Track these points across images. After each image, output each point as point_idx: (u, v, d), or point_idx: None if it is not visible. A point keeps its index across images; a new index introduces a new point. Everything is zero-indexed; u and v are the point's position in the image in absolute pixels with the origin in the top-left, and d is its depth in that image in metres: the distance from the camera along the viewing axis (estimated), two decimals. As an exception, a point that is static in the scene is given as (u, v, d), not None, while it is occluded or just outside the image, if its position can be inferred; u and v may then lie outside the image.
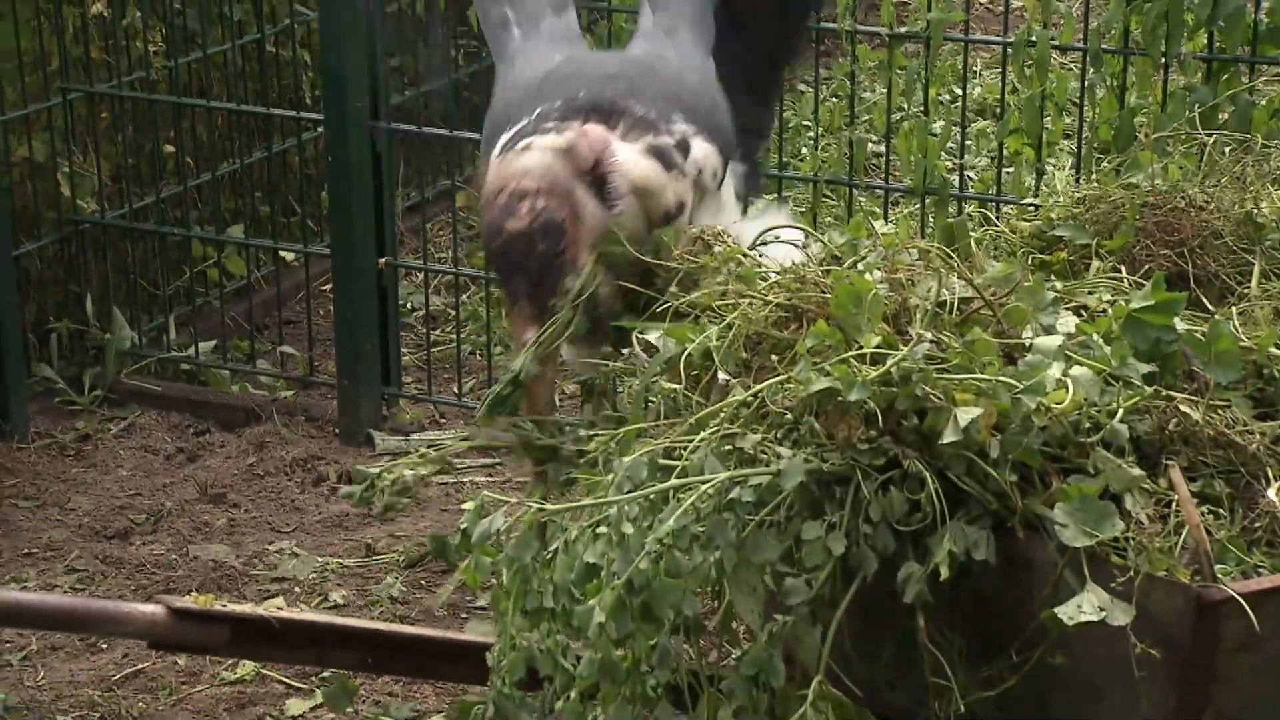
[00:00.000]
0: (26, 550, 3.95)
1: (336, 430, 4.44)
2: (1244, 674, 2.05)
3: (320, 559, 3.84)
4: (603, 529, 2.19)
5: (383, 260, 4.41)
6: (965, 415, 2.08)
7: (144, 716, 3.36)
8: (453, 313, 4.88)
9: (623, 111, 2.76)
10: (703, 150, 2.83)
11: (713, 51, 3.14)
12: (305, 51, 5.17)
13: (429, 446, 2.90)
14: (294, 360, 4.77)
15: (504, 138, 2.75)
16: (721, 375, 2.32)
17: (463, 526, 2.44)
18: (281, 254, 5.06)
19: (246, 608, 3.27)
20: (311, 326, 4.78)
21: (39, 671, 3.54)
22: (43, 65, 4.65)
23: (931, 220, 4.22)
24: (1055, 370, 2.18)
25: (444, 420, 4.54)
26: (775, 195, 4.52)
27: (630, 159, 2.71)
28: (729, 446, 2.18)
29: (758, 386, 2.24)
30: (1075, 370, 2.18)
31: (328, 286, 4.77)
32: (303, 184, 5.13)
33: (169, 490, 4.18)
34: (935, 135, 4.48)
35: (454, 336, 4.77)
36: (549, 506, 2.33)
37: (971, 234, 2.78)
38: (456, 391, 4.60)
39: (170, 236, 4.90)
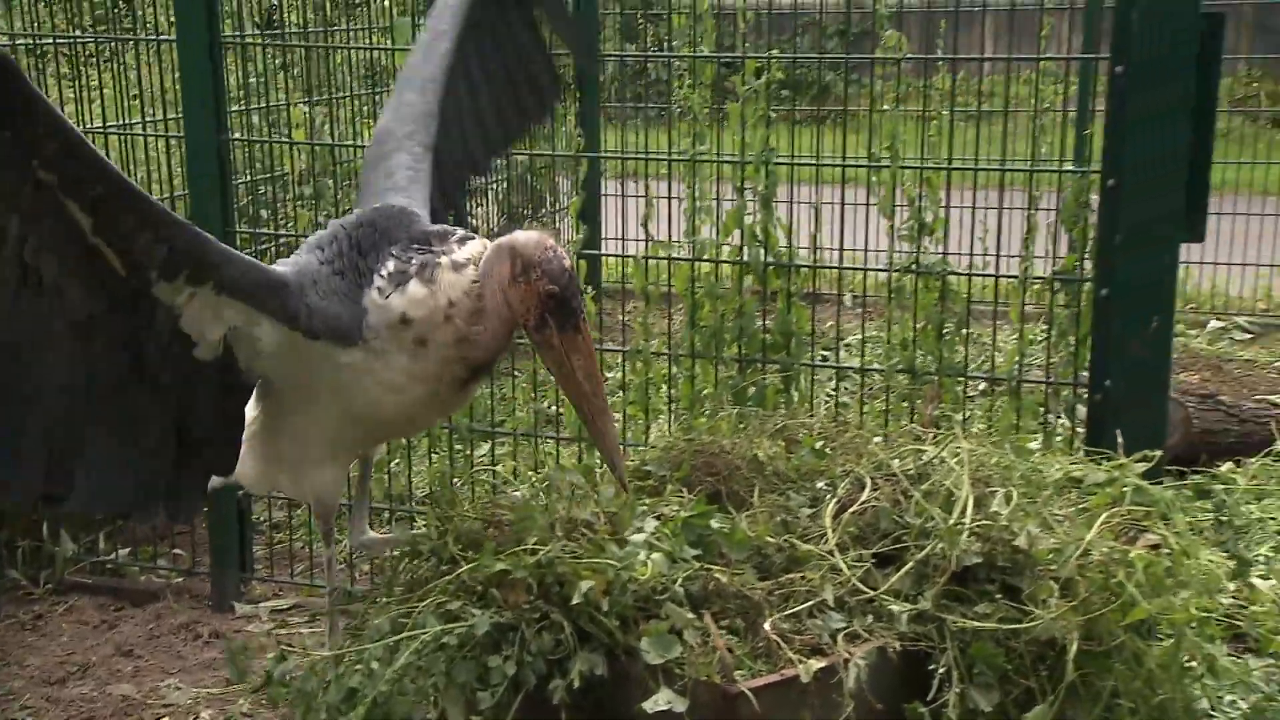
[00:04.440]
0: (-8, 695, 3.72)
1: (210, 604, 4.28)
2: (756, 736, 2.07)
3: (195, 690, 3.68)
4: (359, 665, 2.16)
5: (240, 492, 4.31)
6: (585, 585, 2.12)
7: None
8: (289, 521, 4.77)
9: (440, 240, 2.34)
10: None
11: None
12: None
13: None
14: (183, 558, 4.59)
15: (379, 281, 2.30)
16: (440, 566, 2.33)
17: (267, 670, 2.37)
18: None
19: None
20: (195, 535, 4.61)
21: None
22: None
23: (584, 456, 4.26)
24: (642, 554, 2.23)
25: (280, 593, 4.40)
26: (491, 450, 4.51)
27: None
28: (444, 610, 2.18)
29: (461, 570, 2.25)
30: (655, 555, 2.23)
31: (207, 510, 4.60)
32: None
33: (94, 649, 3.95)
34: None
35: (287, 538, 4.65)
36: (326, 654, 2.29)
37: (598, 469, 2.82)
38: (290, 574, 4.47)
39: (101, 481, 4.70)
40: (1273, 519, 3.99)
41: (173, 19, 4.07)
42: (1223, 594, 2.97)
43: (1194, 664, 2.25)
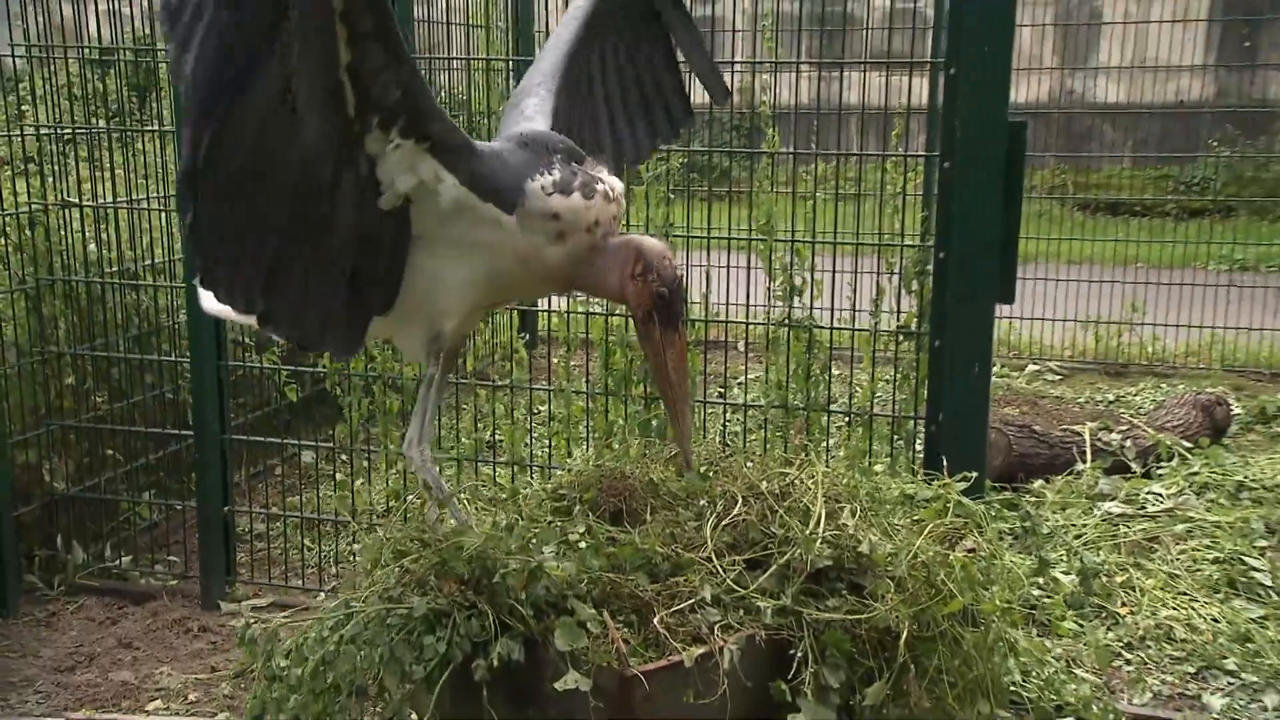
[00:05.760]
0: (10, 681, 3.58)
1: (199, 602, 4.19)
2: (648, 712, 2.06)
3: (185, 676, 3.59)
4: (313, 634, 2.13)
5: (226, 508, 4.23)
6: (503, 577, 2.11)
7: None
8: (267, 531, 4.69)
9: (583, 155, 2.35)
10: None
11: None
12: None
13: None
14: (177, 564, 4.49)
15: (545, 179, 2.24)
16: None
17: (240, 634, 2.32)
18: (174, 505, 4.77)
19: (115, 715, 3.01)
20: (187, 544, 4.51)
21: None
22: (35, 410, 4.38)
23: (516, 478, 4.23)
24: (554, 561, 2.21)
25: (260, 593, 4.31)
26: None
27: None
28: (390, 595, 2.16)
29: (406, 560, 2.22)
30: (564, 562, 2.22)
31: (198, 523, 4.49)
32: (184, 470, 4.87)
33: (99, 642, 3.85)
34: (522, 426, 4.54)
35: (266, 546, 4.58)
36: (284, 621, 2.25)
37: (521, 491, 2.80)
38: (268, 577, 4.39)
39: (107, 499, 4.59)
40: (1073, 525, 4.08)
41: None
42: (1031, 588, 3.04)
43: (1001, 645, 2.29)
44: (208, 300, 2.47)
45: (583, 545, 2.30)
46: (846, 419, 4.11)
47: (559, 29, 2.78)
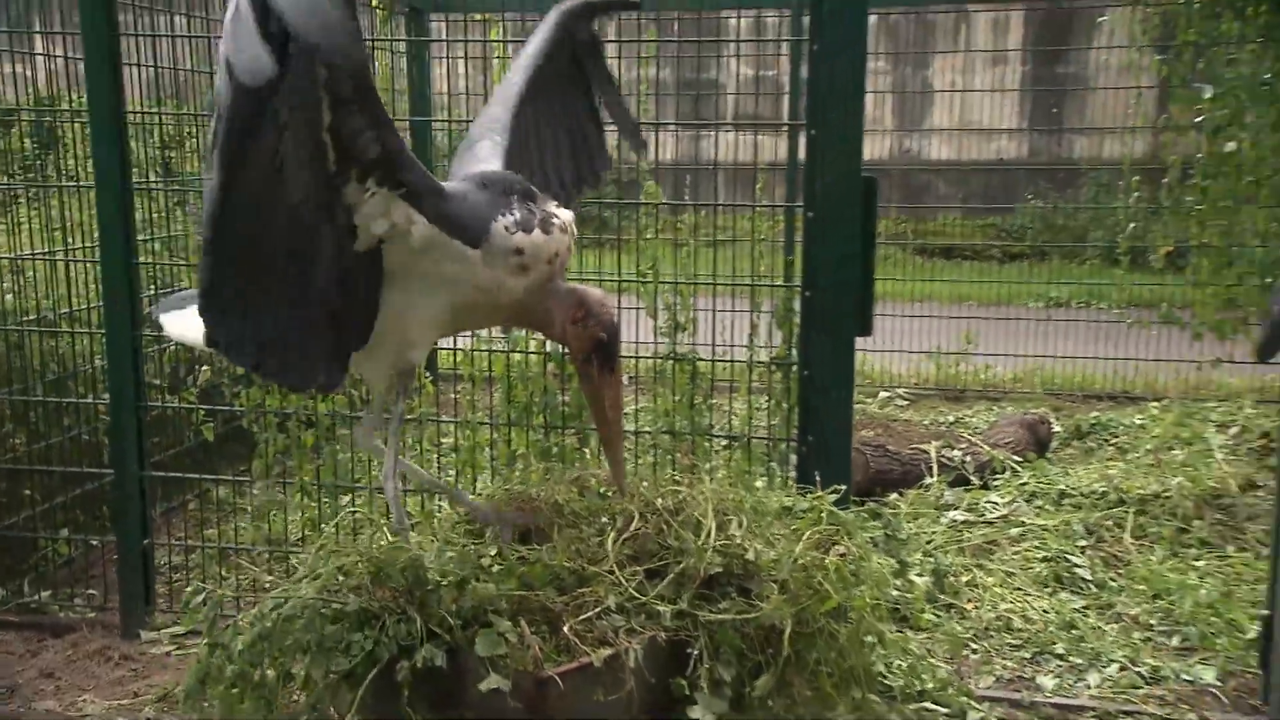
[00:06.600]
0: (-69, 717, 3.39)
1: (119, 632, 4.01)
2: (562, 710, 2.08)
3: (108, 702, 3.43)
4: (254, 611, 2.11)
5: (145, 541, 4.07)
6: (437, 587, 2.11)
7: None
8: (185, 563, 4.52)
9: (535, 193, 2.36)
10: None
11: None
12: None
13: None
14: (96, 596, 4.29)
15: (508, 219, 2.26)
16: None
17: (184, 601, 2.27)
18: (91, 541, 4.56)
19: None
20: (105, 577, 4.32)
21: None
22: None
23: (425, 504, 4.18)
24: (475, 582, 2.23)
25: (179, 622, 4.13)
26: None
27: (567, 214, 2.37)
28: (327, 588, 2.15)
29: (343, 561, 2.21)
30: (483, 582, 2.24)
31: (115, 559, 4.32)
32: (99, 506, 4.65)
33: (21, 674, 3.64)
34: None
35: (185, 577, 4.41)
36: (229, 593, 2.22)
37: (435, 515, 2.78)
38: (185, 605, 4.22)
39: (25, 536, 4.36)
40: (924, 533, 4.24)
41: (90, 170, 3.90)
42: (891, 588, 3.16)
43: (870, 638, 2.38)
44: (170, 327, 2.47)
45: (495, 569, 2.32)
46: (727, 442, 4.19)
47: (505, 82, 2.79)
